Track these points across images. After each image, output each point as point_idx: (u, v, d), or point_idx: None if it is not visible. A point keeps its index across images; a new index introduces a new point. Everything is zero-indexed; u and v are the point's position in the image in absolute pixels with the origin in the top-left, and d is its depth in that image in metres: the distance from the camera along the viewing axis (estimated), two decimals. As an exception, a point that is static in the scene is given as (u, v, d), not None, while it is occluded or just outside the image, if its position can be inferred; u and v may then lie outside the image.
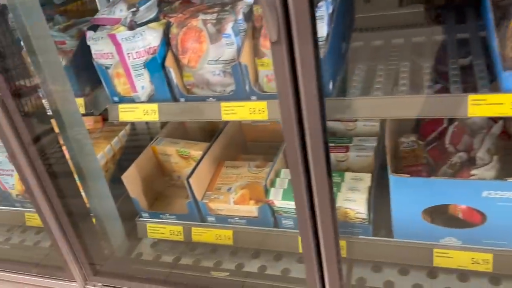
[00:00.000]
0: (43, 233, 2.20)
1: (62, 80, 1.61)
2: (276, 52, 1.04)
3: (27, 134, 1.50)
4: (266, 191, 1.58)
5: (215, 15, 1.39)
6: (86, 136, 1.74)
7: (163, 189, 2.05)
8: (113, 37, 1.46)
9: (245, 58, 1.42)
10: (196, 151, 1.85)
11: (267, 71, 1.45)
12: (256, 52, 1.46)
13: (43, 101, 1.61)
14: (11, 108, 1.42)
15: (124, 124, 2.17)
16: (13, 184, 2.10)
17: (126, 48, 1.48)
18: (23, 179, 1.59)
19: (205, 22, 1.41)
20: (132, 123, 2.23)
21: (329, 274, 1.33)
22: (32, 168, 1.54)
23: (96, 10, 2.09)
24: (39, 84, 1.51)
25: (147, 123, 2.26)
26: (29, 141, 1.50)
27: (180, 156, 1.90)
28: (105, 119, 2.23)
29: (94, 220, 1.83)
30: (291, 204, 1.52)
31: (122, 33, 1.47)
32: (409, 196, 1.41)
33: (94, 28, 1.62)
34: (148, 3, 1.54)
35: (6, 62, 1.32)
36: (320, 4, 1.32)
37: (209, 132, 2.13)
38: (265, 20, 1.00)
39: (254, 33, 1.45)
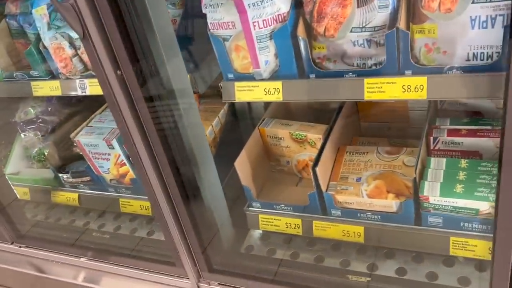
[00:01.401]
0: (138, 220, 2.10)
1: (175, 53, 1.42)
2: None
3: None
4: (415, 185, 1.33)
5: (370, -30, 1.13)
6: (197, 114, 1.55)
7: (269, 175, 1.86)
8: (239, 3, 1.23)
9: (403, 23, 1.15)
10: (313, 134, 1.63)
11: (428, 38, 1.17)
12: (413, 16, 1.19)
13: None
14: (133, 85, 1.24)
15: (222, 103, 1.99)
16: (109, 168, 1.99)
17: (252, 15, 1.26)
18: (133, 153, 1.39)
19: (356, -20, 1.15)
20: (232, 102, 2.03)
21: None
22: (143, 137, 1.35)
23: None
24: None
25: (248, 102, 2.06)
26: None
27: (294, 139, 1.69)
28: (201, 96, 2.05)
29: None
30: (451, 201, 1.27)
31: (249, -3, 1.24)
32: None
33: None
34: (275, -39, 1.30)
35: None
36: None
37: (318, 112, 1.90)
38: None
39: (412, -9, 1.18)
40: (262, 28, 1.28)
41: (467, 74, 1.13)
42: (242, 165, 1.63)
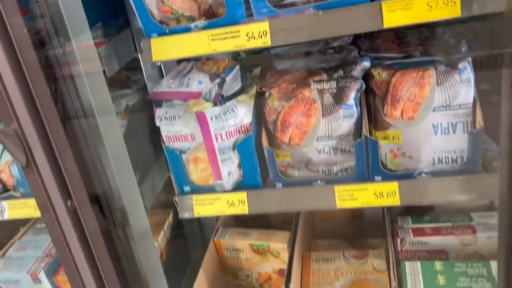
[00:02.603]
0: None
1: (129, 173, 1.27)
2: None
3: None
4: (397, 294, 1.26)
5: (334, 83, 1.14)
6: (151, 237, 1.37)
7: (225, 292, 1.67)
8: (201, 116, 1.16)
9: (366, 130, 1.16)
10: (276, 244, 1.52)
11: (393, 144, 1.19)
12: (375, 123, 1.21)
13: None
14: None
15: (166, 213, 1.81)
16: None
17: (214, 127, 1.19)
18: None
19: (322, 92, 1.15)
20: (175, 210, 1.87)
21: None
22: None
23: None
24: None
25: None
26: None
27: (255, 251, 1.56)
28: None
29: None
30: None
31: (211, 110, 1.18)
32: None
33: (157, 104, 1.33)
34: (233, 72, 1.28)
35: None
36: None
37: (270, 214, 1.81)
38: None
39: (374, 100, 1.21)
40: (225, 140, 1.21)
41: (437, 178, 1.15)
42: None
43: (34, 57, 0.83)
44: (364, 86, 1.15)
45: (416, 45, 1.31)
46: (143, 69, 1.57)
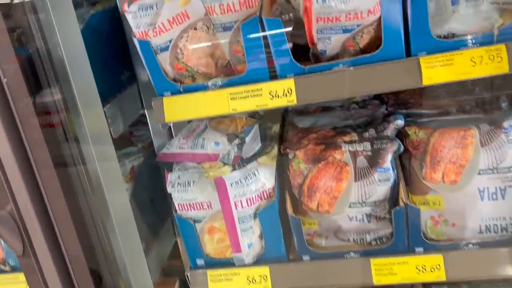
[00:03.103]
0: None
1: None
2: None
3: None
4: None
5: (368, 145, 1.03)
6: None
7: None
8: (220, 182, 1.04)
9: (404, 196, 1.04)
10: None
11: (434, 210, 1.07)
12: (412, 187, 1.09)
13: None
14: None
15: (173, 282, 1.64)
16: None
17: (234, 194, 1.06)
18: None
19: (354, 154, 1.04)
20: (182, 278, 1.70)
21: None
22: None
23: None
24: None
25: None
26: None
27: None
28: None
29: None
30: None
31: (230, 175, 1.06)
32: None
33: (168, 166, 1.20)
34: (252, 131, 1.17)
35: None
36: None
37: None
38: None
39: (409, 161, 1.10)
40: (245, 207, 1.08)
41: (487, 249, 1.02)
42: None
43: (36, 126, 0.71)
44: (402, 148, 1.04)
45: (446, 98, 1.22)
46: (149, 125, 1.45)
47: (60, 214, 0.73)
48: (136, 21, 1.03)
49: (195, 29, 1.04)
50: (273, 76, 1.03)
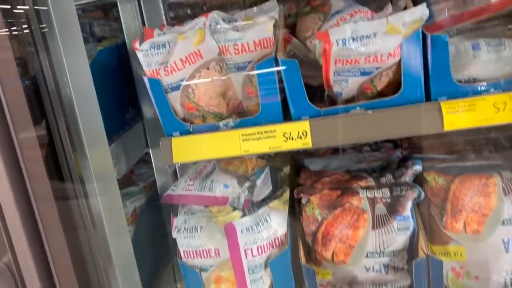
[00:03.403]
0: None
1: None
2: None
3: None
4: None
5: (387, 191, 0.98)
6: None
7: None
8: (230, 229, 0.97)
9: (424, 245, 0.98)
10: None
11: (455, 262, 1.01)
12: (431, 237, 1.04)
13: None
14: None
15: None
16: None
17: (244, 242, 1.00)
18: None
19: (373, 201, 0.99)
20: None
21: None
22: None
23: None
24: None
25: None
26: None
27: None
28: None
29: None
30: None
31: (241, 221, 1.00)
32: None
33: (173, 209, 1.15)
34: (263, 174, 1.12)
35: None
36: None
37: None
38: None
39: (428, 209, 1.05)
40: (256, 256, 1.01)
41: (515, 307, 0.96)
42: None
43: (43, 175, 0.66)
44: (423, 195, 0.99)
45: (461, 140, 1.19)
46: (153, 164, 1.40)
47: (63, 270, 0.66)
48: (147, 59, 0.99)
49: (208, 68, 1.01)
50: (287, 117, 0.99)
